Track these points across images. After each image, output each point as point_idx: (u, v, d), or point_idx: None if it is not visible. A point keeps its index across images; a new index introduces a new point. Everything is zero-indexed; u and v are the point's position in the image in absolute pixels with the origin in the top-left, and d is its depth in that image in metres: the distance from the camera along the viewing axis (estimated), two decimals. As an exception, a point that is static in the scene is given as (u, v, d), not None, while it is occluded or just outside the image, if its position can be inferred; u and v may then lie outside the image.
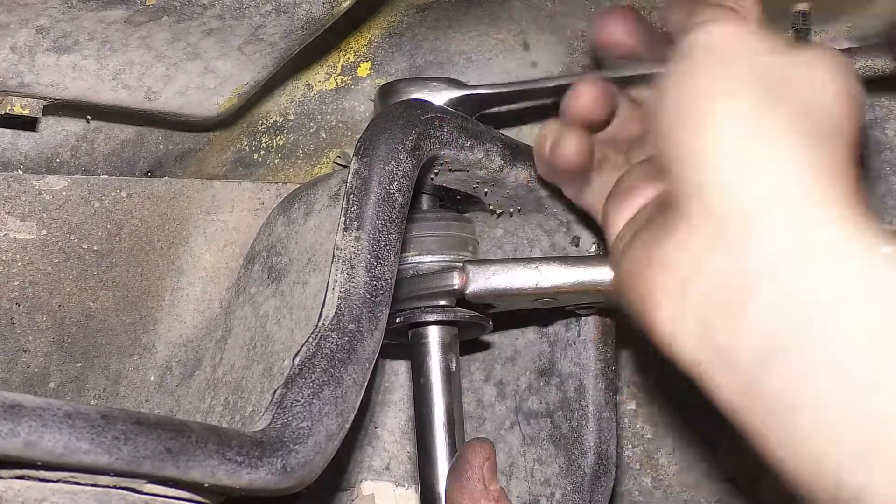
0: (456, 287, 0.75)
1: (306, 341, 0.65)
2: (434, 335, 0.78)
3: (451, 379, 0.78)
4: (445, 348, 0.78)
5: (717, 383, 0.55)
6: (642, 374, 1.01)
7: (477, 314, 0.78)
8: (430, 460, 0.76)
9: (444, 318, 0.77)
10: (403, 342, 0.80)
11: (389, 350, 0.83)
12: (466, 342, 0.84)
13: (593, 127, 0.73)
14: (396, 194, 0.69)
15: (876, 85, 0.90)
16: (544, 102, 0.83)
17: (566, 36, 0.93)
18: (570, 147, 0.73)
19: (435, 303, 0.77)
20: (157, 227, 0.81)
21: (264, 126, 0.85)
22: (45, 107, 0.71)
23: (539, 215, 0.85)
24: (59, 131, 0.75)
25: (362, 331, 0.66)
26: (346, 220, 0.68)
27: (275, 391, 0.64)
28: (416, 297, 0.77)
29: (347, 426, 0.65)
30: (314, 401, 0.63)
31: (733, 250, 0.54)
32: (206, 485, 0.59)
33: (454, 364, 0.78)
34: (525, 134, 0.93)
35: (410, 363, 0.80)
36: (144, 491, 0.59)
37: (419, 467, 0.77)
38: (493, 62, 0.92)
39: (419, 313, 0.77)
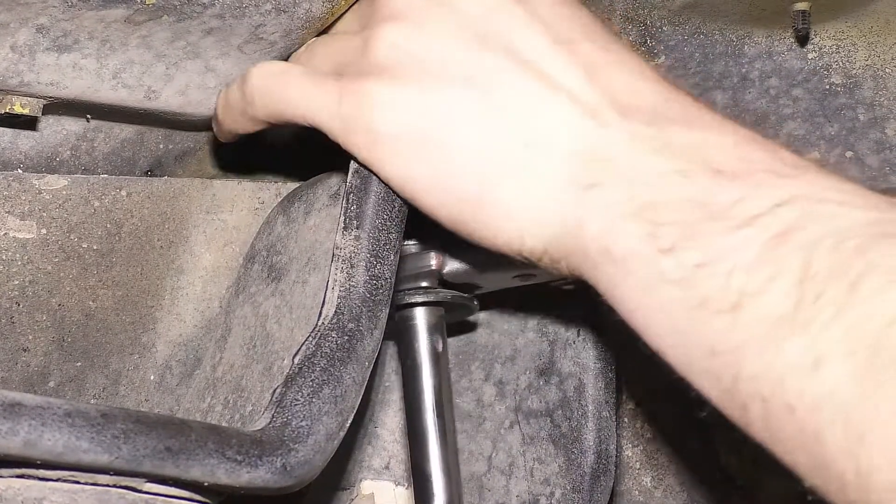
0: (434, 267, 0.76)
1: (306, 340, 0.65)
2: (420, 317, 0.78)
3: (438, 360, 0.77)
4: (432, 329, 0.78)
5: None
6: (642, 374, 1.01)
7: (460, 294, 0.79)
8: (420, 442, 0.76)
9: (428, 300, 0.78)
10: (389, 325, 0.80)
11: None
12: (456, 325, 0.84)
13: None
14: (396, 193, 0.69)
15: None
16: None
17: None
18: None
19: (417, 284, 0.77)
20: (157, 226, 0.81)
21: (264, 125, 0.85)
22: (44, 106, 0.71)
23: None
24: (58, 130, 0.75)
25: (362, 330, 0.66)
26: (345, 219, 0.68)
27: (274, 390, 0.64)
28: (397, 280, 0.77)
29: (347, 425, 0.65)
30: (314, 400, 0.63)
31: None
32: (206, 484, 0.59)
33: (441, 345, 0.78)
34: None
35: (397, 346, 0.80)
36: (144, 490, 0.59)
37: (410, 449, 0.77)
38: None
39: (402, 295, 0.77)
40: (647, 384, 1.02)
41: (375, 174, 0.67)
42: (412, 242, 0.79)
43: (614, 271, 0.60)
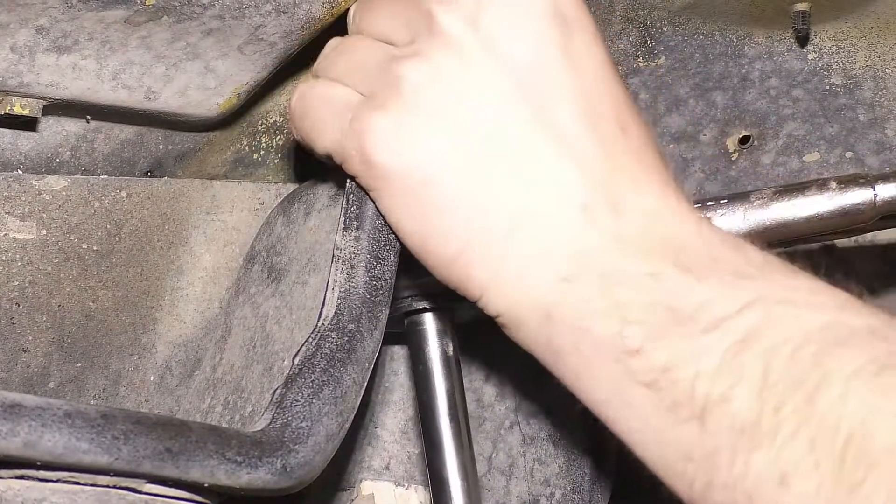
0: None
1: (306, 341, 0.65)
2: (430, 322, 0.78)
3: (449, 363, 0.78)
4: (441, 333, 0.78)
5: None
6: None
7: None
8: (436, 445, 0.76)
9: (437, 305, 0.78)
10: (398, 329, 0.80)
11: (384, 336, 0.83)
12: (466, 325, 0.84)
13: None
14: (396, 194, 0.69)
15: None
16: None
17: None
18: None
19: (424, 290, 0.77)
20: (157, 226, 0.81)
21: (264, 126, 0.85)
22: (44, 107, 0.71)
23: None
24: (58, 131, 0.75)
25: (362, 330, 0.66)
26: (345, 220, 0.68)
27: (274, 391, 0.64)
28: (404, 286, 0.77)
29: (347, 426, 0.65)
30: (314, 401, 0.63)
31: None
32: (206, 484, 0.59)
33: (451, 348, 0.78)
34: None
35: (408, 352, 0.80)
36: (144, 491, 0.59)
37: (426, 453, 0.77)
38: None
39: (411, 301, 0.77)
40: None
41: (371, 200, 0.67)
42: None
43: (582, 364, 0.61)
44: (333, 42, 0.71)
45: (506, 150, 0.63)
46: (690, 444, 0.56)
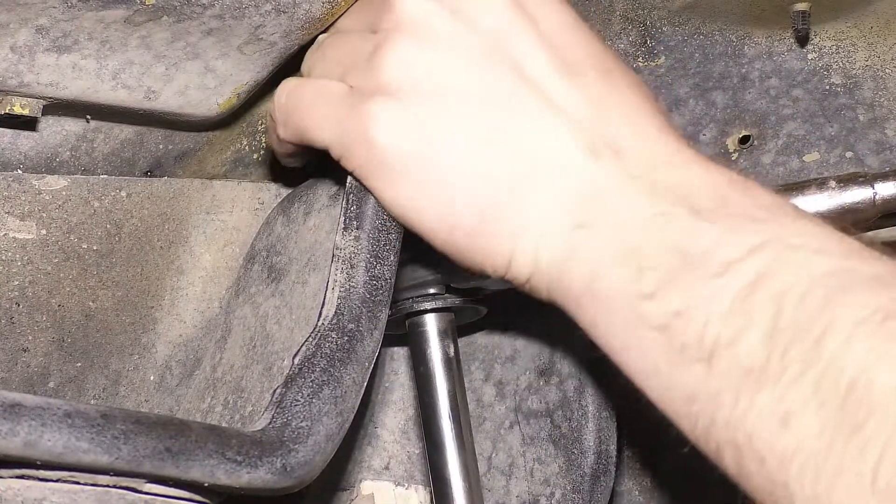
0: (440, 275, 0.76)
1: (306, 341, 0.65)
2: (430, 323, 0.78)
3: (450, 365, 0.78)
4: (442, 335, 0.78)
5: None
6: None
7: (468, 298, 0.79)
8: (438, 446, 0.76)
9: (438, 306, 0.78)
10: (399, 331, 0.80)
11: (385, 339, 0.83)
12: (466, 326, 0.84)
13: None
14: (396, 194, 0.69)
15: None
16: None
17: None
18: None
19: (425, 291, 0.78)
20: (157, 226, 0.81)
21: (264, 126, 0.85)
22: (44, 106, 0.71)
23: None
24: (58, 131, 0.75)
25: (362, 330, 0.66)
26: (345, 220, 0.68)
27: (274, 391, 0.64)
28: (405, 288, 0.78)
29: (347, 426, 0.65)
30: (314, 400, 0.63)
31: None
32: (206, 484, 0.59)
33: (452, 349, 0.78)
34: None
35: (409, 353, 0.80)
36: (144, 490, 0.59)
37: (428, 455, 0.77)
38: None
39: (412, 303, 0.77)
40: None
41: (371, 194, 0.68)
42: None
43: (598, 311, 0.62)
44: (319, 39, 0.74)
45: (497, 109, 0.64)
46: (696, 386, 0.57)
